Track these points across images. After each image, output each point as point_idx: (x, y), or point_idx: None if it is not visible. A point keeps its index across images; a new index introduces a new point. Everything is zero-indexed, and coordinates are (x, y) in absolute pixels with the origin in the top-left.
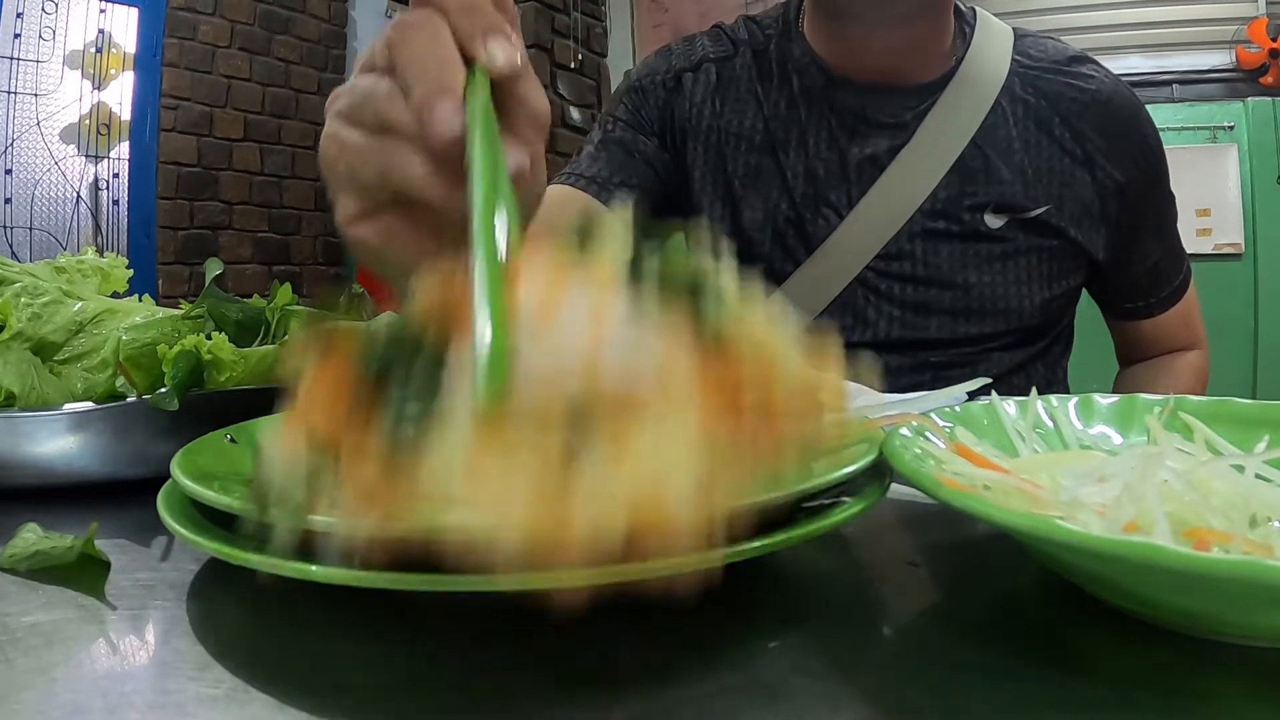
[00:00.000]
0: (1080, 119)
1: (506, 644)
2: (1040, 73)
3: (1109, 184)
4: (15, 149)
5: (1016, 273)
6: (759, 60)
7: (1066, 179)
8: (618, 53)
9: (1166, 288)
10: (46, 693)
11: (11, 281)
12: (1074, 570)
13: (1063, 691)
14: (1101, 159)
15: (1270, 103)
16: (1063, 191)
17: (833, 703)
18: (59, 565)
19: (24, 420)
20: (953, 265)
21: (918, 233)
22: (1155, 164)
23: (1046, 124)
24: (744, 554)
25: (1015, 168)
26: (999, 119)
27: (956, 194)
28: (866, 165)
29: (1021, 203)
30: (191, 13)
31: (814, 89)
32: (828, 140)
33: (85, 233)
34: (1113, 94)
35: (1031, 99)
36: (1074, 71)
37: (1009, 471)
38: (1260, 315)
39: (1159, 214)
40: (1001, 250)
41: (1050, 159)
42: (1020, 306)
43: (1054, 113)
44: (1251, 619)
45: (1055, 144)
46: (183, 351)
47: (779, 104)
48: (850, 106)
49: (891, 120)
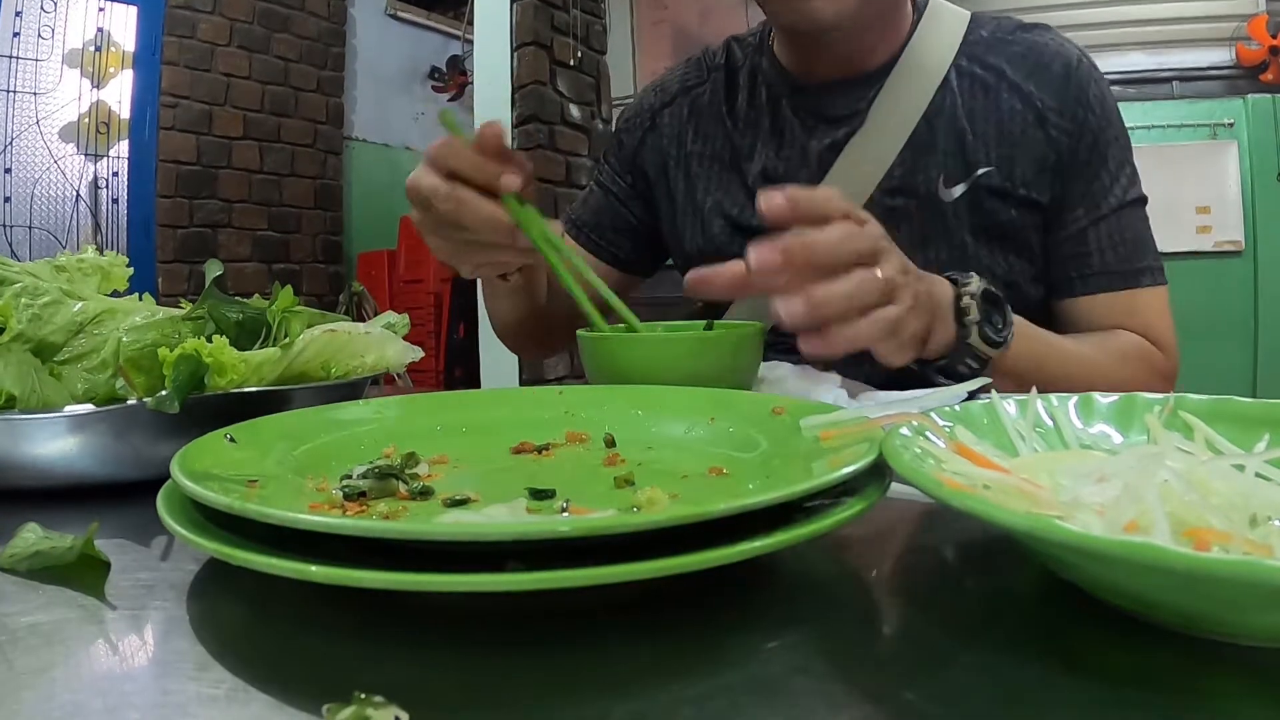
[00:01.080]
0: (1027, 79)
1: (506, 644)
2: (988, 46)
3: (1062, 139)
4: (14, 148)
5: (977, 245)
6: (729, 80)
7: (1018, 139)
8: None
9: (1097, 266)
10: (46, 693)
11: (11, 281)
12: (1074, 570)
13: (1062, 691)
14: (1053, 116)
15: (1270, 100)
16: (1014, 152)
17: (833, 703)
18: (59, 565)
19: (24, 422)
20: (914, 242)
21: (879, 213)
22: (1099, 122)
23: (994, 90)
24: (744, 554)
25: (957, 134)
26: (947, 93)
27: (910, 169)
28: (826, 154)
29: (969, 162)
30: (190, 11)
31: (778, 96)
32: (789, 140)
33: (85, 231)
34: (1058, 52)
35: (978, 70)
36: (1021, 38)
37: (1009, 471)
38: (1260, 313)
39: (1091, 178)
40: (959, 223)
41: (999, 122)
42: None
43: (1000, 79)
44: (1251, 619)
45: (1003, 107)
46: (183, 355)
47: (746, 116)
48: (808, 106)
49: (845, 111)
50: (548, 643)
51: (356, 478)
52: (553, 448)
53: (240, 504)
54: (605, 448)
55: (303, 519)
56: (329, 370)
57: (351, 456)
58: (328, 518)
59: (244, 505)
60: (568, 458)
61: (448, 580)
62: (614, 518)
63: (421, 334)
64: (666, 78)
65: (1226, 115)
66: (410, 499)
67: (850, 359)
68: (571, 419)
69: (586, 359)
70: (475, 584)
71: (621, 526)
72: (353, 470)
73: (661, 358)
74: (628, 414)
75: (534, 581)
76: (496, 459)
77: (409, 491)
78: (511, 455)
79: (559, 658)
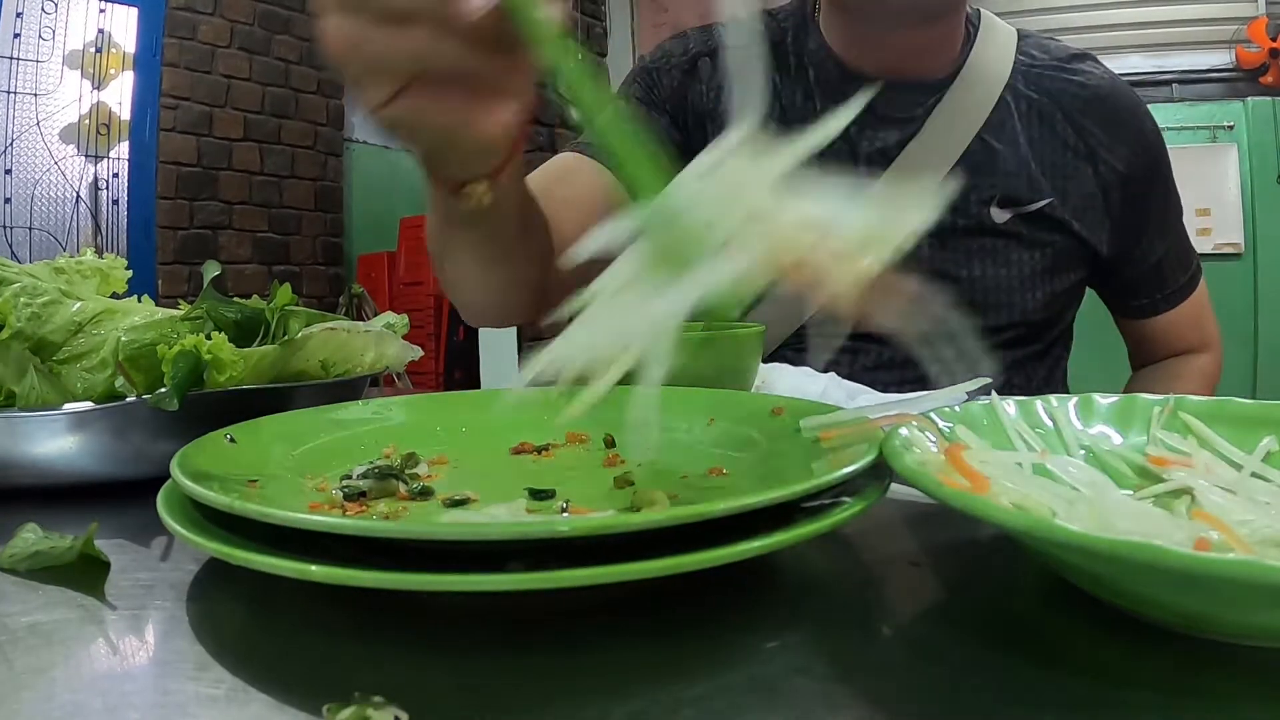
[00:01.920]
0: (1082, 114)
1: (506, 644)
2: (1043, 70)
3: (1111, 176)
4: (15, 149)
5: (1020, 267)
6: (775, 53)
7: (1069, 172)
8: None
9: (1172, 284)
10: (46, 693)
11: (10, 282)
12: (1073, 570)
13: (1062, 691)
14: (1103, 152)
15: (1270, 102)
16: (1066, 184)
17: (833, 703)
18: (58, 565)
19: (24, 420)
20: (958, 259)
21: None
22: (1155, 157)
23: (1049, 119)
24: (744, 554)
25: (1019, 161)
26: (1004, 114)
27: (963, 187)
28: (876, 157)
29: (1025, 194)
30: (191, 12)
31: (829, 82)
32: (840, 133)
33: (85, 233)
34: (1112, 89)
35: (1035, 95)
36: (1075, 68)
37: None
38: (1260, 315)
39: (1162, 209)
40: (1006, 244)
41: (1053, 153)
42: (1024, 301)
43: (1056, 108)
44: (1251, 619)
45: (1058, 138)
46: (182, 352)
47: (794, 95)
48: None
49: (902, 115)
50: (548, 643)
51: (356, 478)
52: (552, 448)
53: (240, 504)
54: (605, 448)
55: (302, 519)
56: (328, 369)
57: (351, 457)
58: (328, 517)
59: (244, 505)
60: (567, 458)
61: (448, 580)
62: (613, 518)
63: (421, 336)
64: (702, 33)
65: (1226, 118)
66: (410, 499)
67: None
68: (571, 419)
69: None
70: (475, 584)
71: (621, 526)
72: (353, 470)
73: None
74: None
75: (534, 581)
76: (496, 459)
77: (409, 492)
78: (511, 455)
79: (559, 658)
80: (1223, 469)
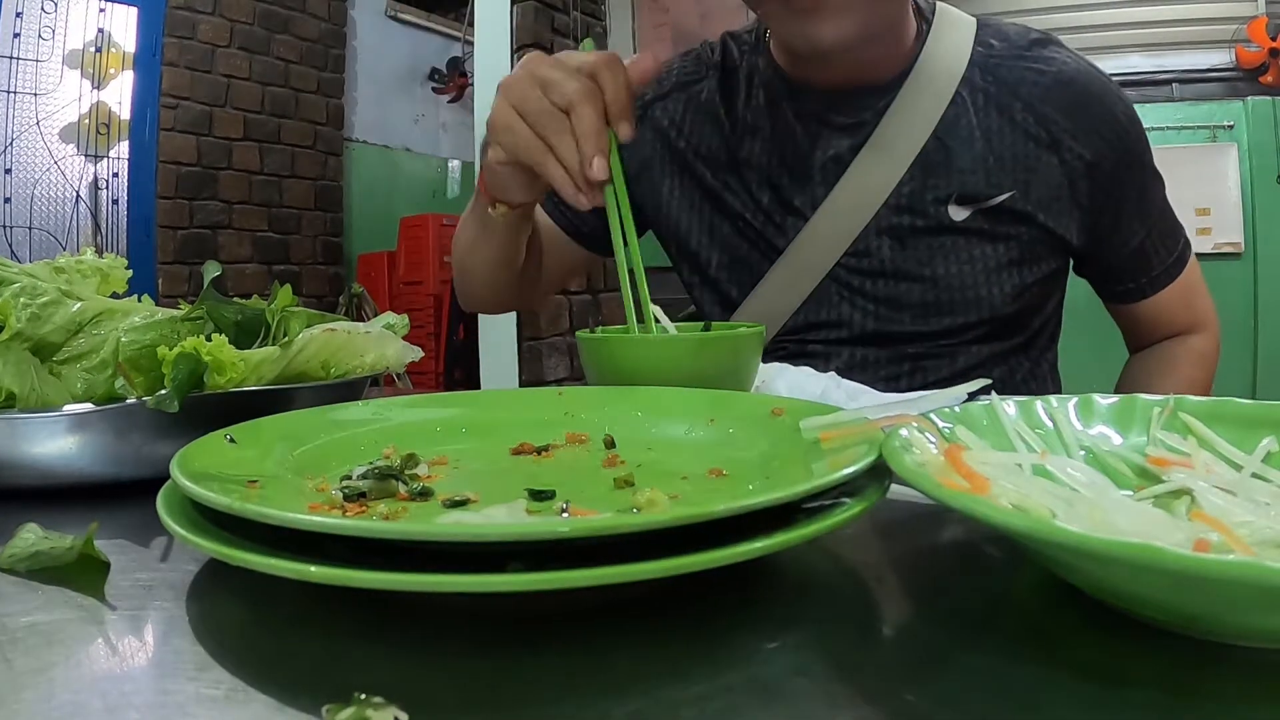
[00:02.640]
0: (1043, 101)
1: (506, 644)
2: (1001, 59)
3: (1077, 165)
4: (15, 148)
5: (985, 262)
6: (726, 79)
7: (1031, 163)
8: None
9: (1158, 266)
10: (46, 693)
11: (10, 282)
12: (1073, 571)
13: (1062, 691)
14: (1068, 139)
15: (1270, 102)
16: (1028, 177)
17: (833, 703)
18: (58, 565)
19: (24, 421)
20: (920, 259)
21: (885, 229)
22: (1127, 141)
23: (1008, 110)
24: (746, 555)
25: (976, 157)
26: (960, 110)
27: (920, 188)
28: (831, 165)
29: (983, 190)
30: (191, 12)
31: (778, 99)
32: (791, 147)
33: (85, 232)
34: (1075, 73)
35: (992, 88)
36: (1035, 55)
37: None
38: (1260, 315)
39: (1139, 193)
40: (967, 241)
41: (1013, 145)
42: (991, 296)
43: (1015, 98)
44: (1250, 620)
45: (1018, 129)
46: (183, 353)
47: (745, 118)
48: (812, 111)
49: (852, 120)
50: (547, 643)
51: (356, 478)
52: (552, 449)
53: (240, 504)
54: (605, 449)
55: (302, 519)
56: (328, 370)
57: (351, 457)
58: (327, 518)
59: (243, 506)
60: (567, 459)
61: (448, 580)
62: (613, 518)
63: (421, 335)
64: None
65: (1226, 117)
66: (410, 500)
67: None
68: (571, 420)
69: (586, 359)
70: (475, 584)
71: (621, 527)
72: (352, 471)
73: (661, 358)
74: (627, 415)
75: (534, 582)
76: (496, 460)
77: (408, 492)
78: (511, 456)
79: (559, 658)
80: (1222, 469)
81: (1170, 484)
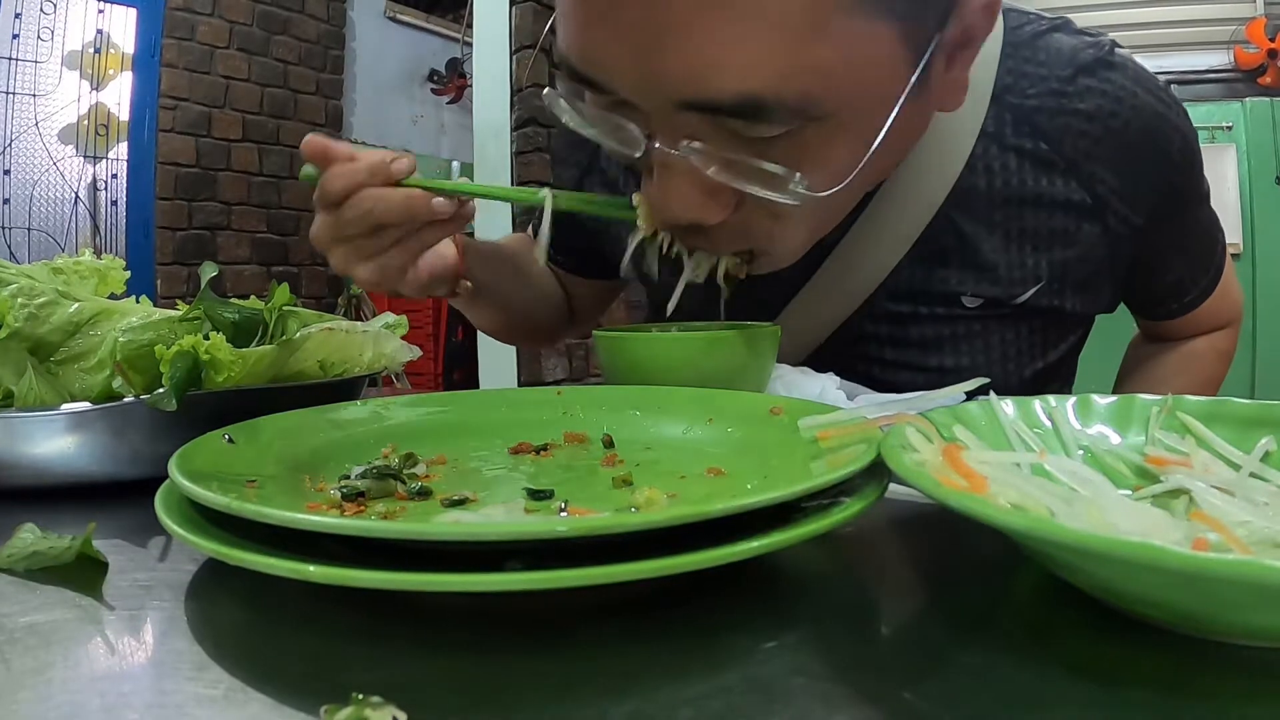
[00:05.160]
0: (1089, 158)
1: (505, 644)
2: (1040, 100)
3: (1123, 230)
4: (13, 149)
5: (1003, 350)
6: None
7: (1069, 240)
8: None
9: (1192, 290)
10: (44, 693)
11: (8, 282)
12: (1072, 570)
13: (1062, 691)
14: (1115, 202)
15: (1268, 103)
16: (1064, 255)
17: (832, 703)
18: (56, 565)
19: (22, 420)
20: (925, 348)
21: (881, 315)
22: (1181, 183)
23: (1045, 167)
24: (744, 554)
25: (995, 244)
26: (976, 177)
27: (924, 276)
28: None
29: (1005, 292)
30: (190, 13)
31: None
32: None
33: (83, 233)
34: (1130, 114)
35: (1027, 142)
36: (1079, 88)
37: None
38: (1259, 315)
39: (1183, 230)
40: (983, 328)
41: (1049, 219)
42: (1007, 384)
43: (1055, 154)
44: (1249, 619)
45: (1053, 199)
46: (180, 352)
47: None
48: None
49: None
50: (547, 643)
51: (355, 478)
52: (551, 448)
53: (238, 504)
54: (604, 448)
55: (301, 519)
56: (326, 369)
57: (350, 457)
58: (326, 517)
59: (242, 505)
60: (566, 458)
61: (447, 580)
62: (612, 518)
63: (420, 336)
64: None
65: (1225, 118)
66: (409, 499)
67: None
68: (570, 419)
69: (602, 356)
70: (475, 584)
71: (620, 526)
72: (351, 470)
73: (675, 356)
74: (626, 414)
75: (533, 581)
76: (495, 459)
77: (407, 492)
78: (510, 456)
79: (558, 658)
80: (1221, 469)
81: (1169, 483)
